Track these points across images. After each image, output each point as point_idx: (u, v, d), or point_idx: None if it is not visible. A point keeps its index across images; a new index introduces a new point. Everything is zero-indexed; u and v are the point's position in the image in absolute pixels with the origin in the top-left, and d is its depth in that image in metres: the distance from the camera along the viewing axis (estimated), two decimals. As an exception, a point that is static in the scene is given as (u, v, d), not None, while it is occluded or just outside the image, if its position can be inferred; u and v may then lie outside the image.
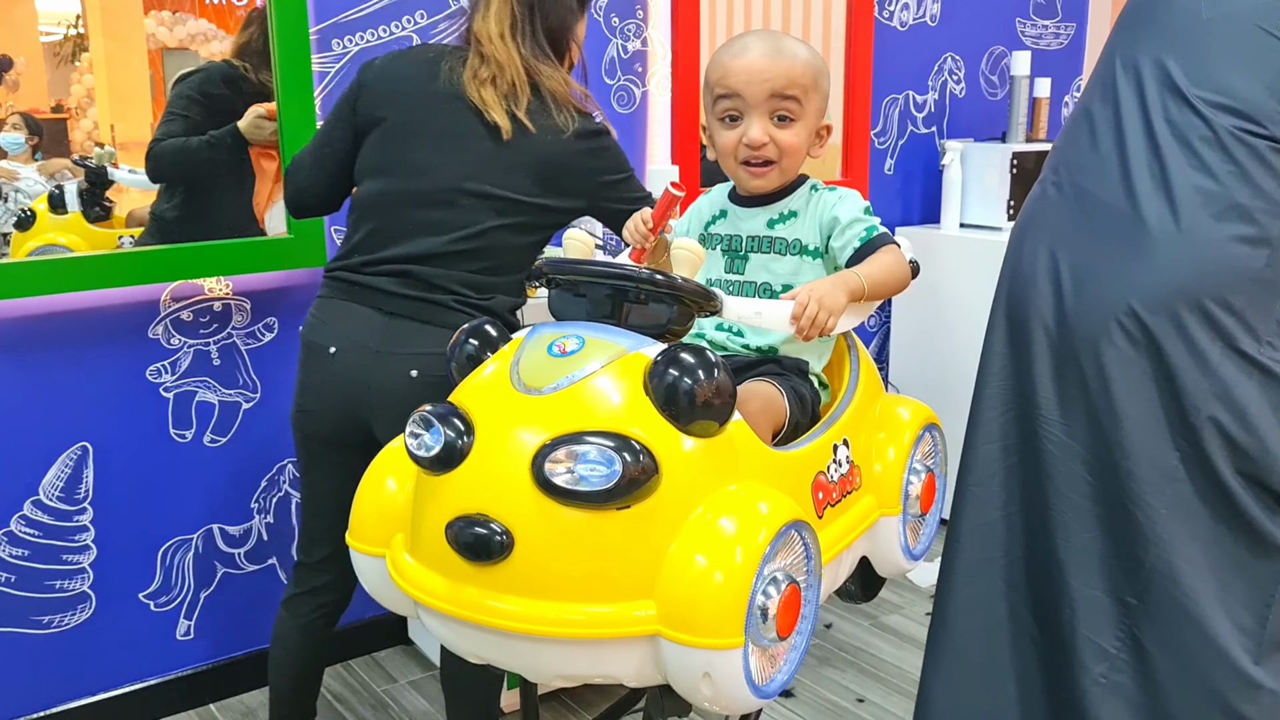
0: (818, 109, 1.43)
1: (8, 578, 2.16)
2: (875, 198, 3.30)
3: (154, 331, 2.25)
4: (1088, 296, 1.62)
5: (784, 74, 1.38)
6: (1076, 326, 1.63)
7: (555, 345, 1.17)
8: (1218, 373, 1.55)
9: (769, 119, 1.40)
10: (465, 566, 1.10)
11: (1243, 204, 1.53)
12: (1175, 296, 1.55)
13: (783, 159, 1.41)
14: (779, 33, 1.49)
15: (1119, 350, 1.58)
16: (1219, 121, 1.56)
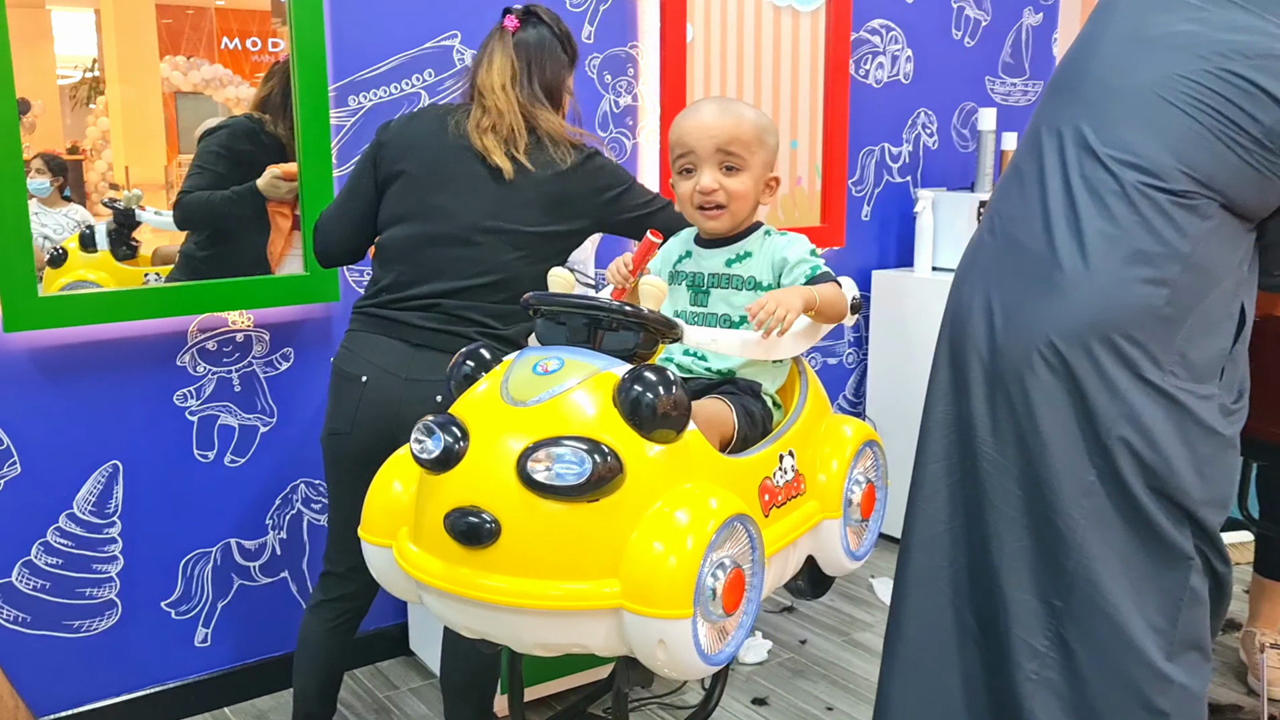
0: (763, 161, 1.65)
1: (42, 584, 2.36)
2: (853, 242, 3.52)
3: (181, 360, 2.46)
4: (1014, 331, 1.83)
5: (729, 129, 1.62)
6: (1005, 357, 1.84)
7: (539, 365, 1.38)
8: (1125, 398, 1.75)
9: (718, 169, 1.63)
10: (460, 551, 1.30)
11: (1145, 249, 1.74)
12: (1086, 330, 1.76)
13: (732, 203, 1.64)
14: (732, 99, 1.72)
15: (1040, 378, 1.78)
16: (1126, 177, 1.78)
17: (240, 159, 2.51)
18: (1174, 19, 1.78)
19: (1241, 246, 1.81)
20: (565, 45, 2.07)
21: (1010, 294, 1.87)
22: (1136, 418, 1.75)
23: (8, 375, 2.26)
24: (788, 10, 3.27)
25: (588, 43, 2.90)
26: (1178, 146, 1.74)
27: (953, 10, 3.64)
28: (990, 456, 1.89)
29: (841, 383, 3.67)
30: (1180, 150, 1.74)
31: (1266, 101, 1.71)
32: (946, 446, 1.93)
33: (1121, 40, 1.86)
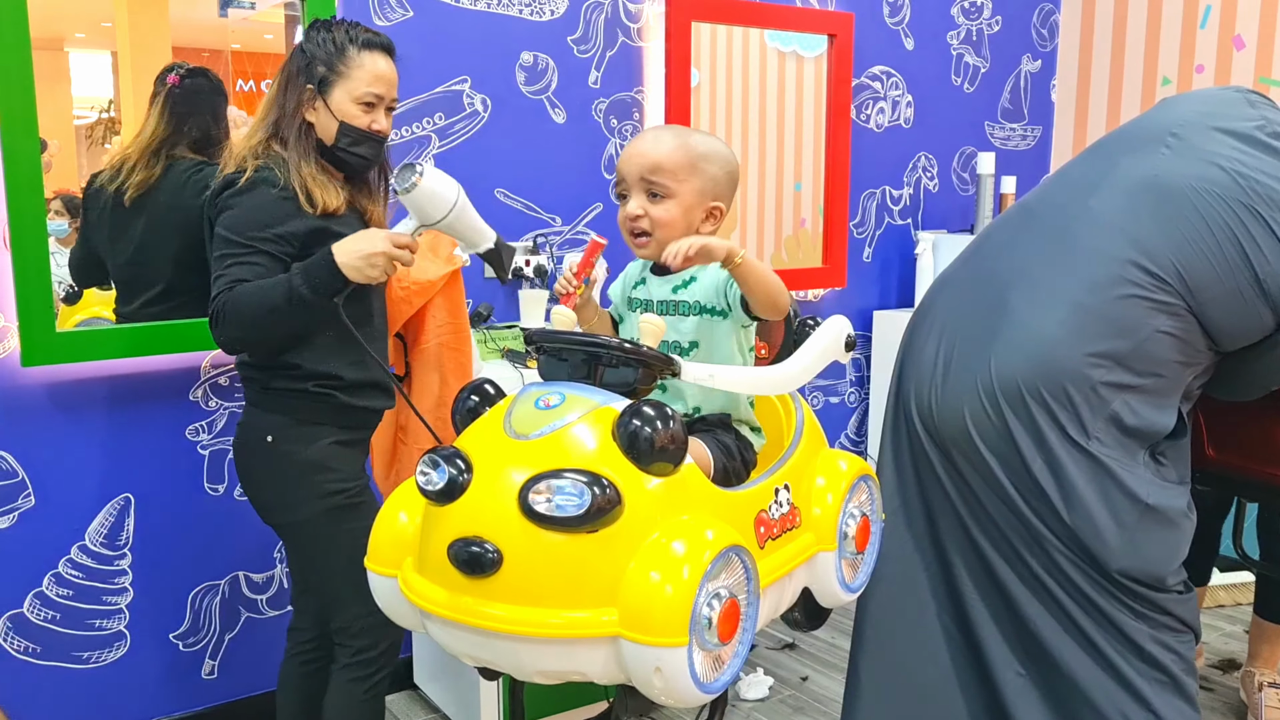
0: (697, 189, 1.66)
1: (52, 615, 2.40)
2: (854, 283, 3.58)
3: (194, 394, 2.51)
4: (955, 378, 1.93)
5: (655, 156, 1.65)
6: (945, 407, 1.94)
7: (541, 400, 1.42)
8: (1053, 452, 1.83)
9: (644, 195, 1.66)
10: (462, 580, 1.34)
11: (1105, 330, 1.82)
12: (1024, 382, 1.84)
13: (657, 231, 1.66)
14: (681, 127, 1.76)
15: (976, 427, 1.88)
16: (1119, 251, 1.85)
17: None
18: (1226, 144, 1.86)
19: (1197, 362, 1.90)
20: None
21: (961, 333, 1.95)
22: (1060, 471, 1.83)
23: (25, 409, 2.31)
24: (791, 55, 3.35)
25: (594, 88, 2.98)
26: (1184, 248, 1.83)
27: (952, 57, 3.72)
28: (932, 487, 1.98)
29: (843, 421, 3.70)
30: (1185, 252, 1.82)
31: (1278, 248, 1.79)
32: (898, 475, 2.02)
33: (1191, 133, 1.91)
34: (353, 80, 1.91)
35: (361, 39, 1.93)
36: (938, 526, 1.99)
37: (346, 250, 1.81)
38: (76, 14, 2.32)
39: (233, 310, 1.80)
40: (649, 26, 3.04)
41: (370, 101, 1.92)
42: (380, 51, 1.95)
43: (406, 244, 1.83)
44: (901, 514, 2.02)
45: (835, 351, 1.73)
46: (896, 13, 3.55)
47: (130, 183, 2.34)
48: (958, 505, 1.96)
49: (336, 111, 1.91)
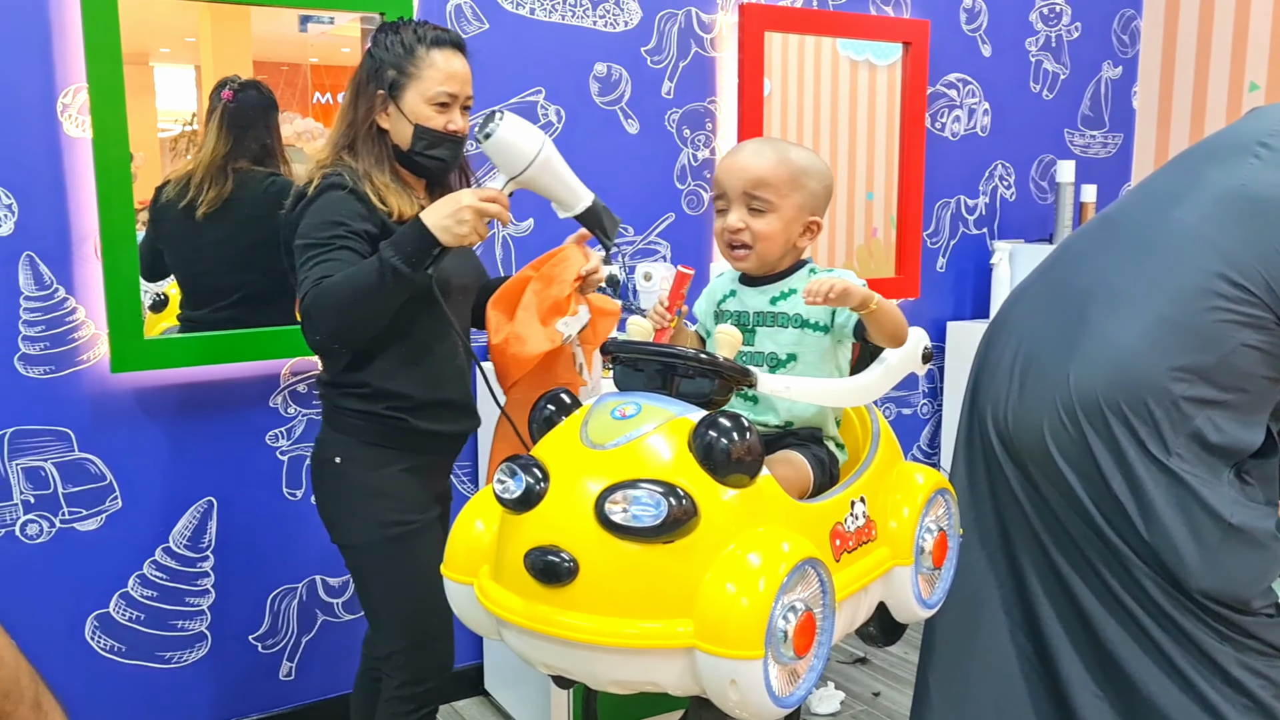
0: (798, 204, 1.66)
1: (137, 615, 2.46)
2: (927, 293, 3.54)
3: (274, 401, 2.56)
4: (1032, 392, 1.89)
5: (759, 170, 1.64)
6: (1022, 422, 1.90)
7: (617, 410, 1.43)
8: (1133, 468, 1.78)
9: (745, 208, 1.66)
10: (539, 589, 1.35)
11: (1187, 342, 1.77)
12: (1103, 395, 1.80)
13: (758, 244, 1.66)
14: (778, 140, 1.74)
15: (1053, 443, 1.84)
16: (1207, 264, 1.80)
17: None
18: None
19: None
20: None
21: (1039, 346, 1.91)
22: (1139, 488, 1.78)
23: (113, 414, 2.38)
24: (864, 64, 3.32)
25: (667, 98, 2.98)
26: (1273, 260, 1.79)
27: (1030, 64, 3.66)
28: (1007, 503, 1.95)
29: (916, 433, 3.66)
30: (1274, 264, 1.78)
31: None
32: (972, 488, 1.99)
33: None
34: (424, 80, 1.87)
35: (430, 37, 1.89)
36: (1012, 543, 1.96)
37: (434, 211, 1.73)
38: (162, 29, 2.39)
39: (323, 301, 1.73)
40: (722, 36, 3.04)
41: (444, 101, 1.88)
42: (451, 48, 1.90)
43: (493, 197, 1.74)
44: (975, 529, 1.99)
45: (912, 363, 1.71)
46: (974, 19, 3.51)
47: (203, 199, 2.40)
48: (1033, 521, 1.92)
49: (410, 114, 1.88)
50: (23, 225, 2.25)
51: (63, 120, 2.27)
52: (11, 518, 2.32)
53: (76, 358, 2.33)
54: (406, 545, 1.90)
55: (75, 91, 2.27)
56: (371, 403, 1.89)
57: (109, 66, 2.23)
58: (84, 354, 2.34)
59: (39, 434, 2.32)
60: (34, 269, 2.27)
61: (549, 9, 2.78)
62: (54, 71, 2.25)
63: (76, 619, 2.41)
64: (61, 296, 2.31)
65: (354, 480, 1.90)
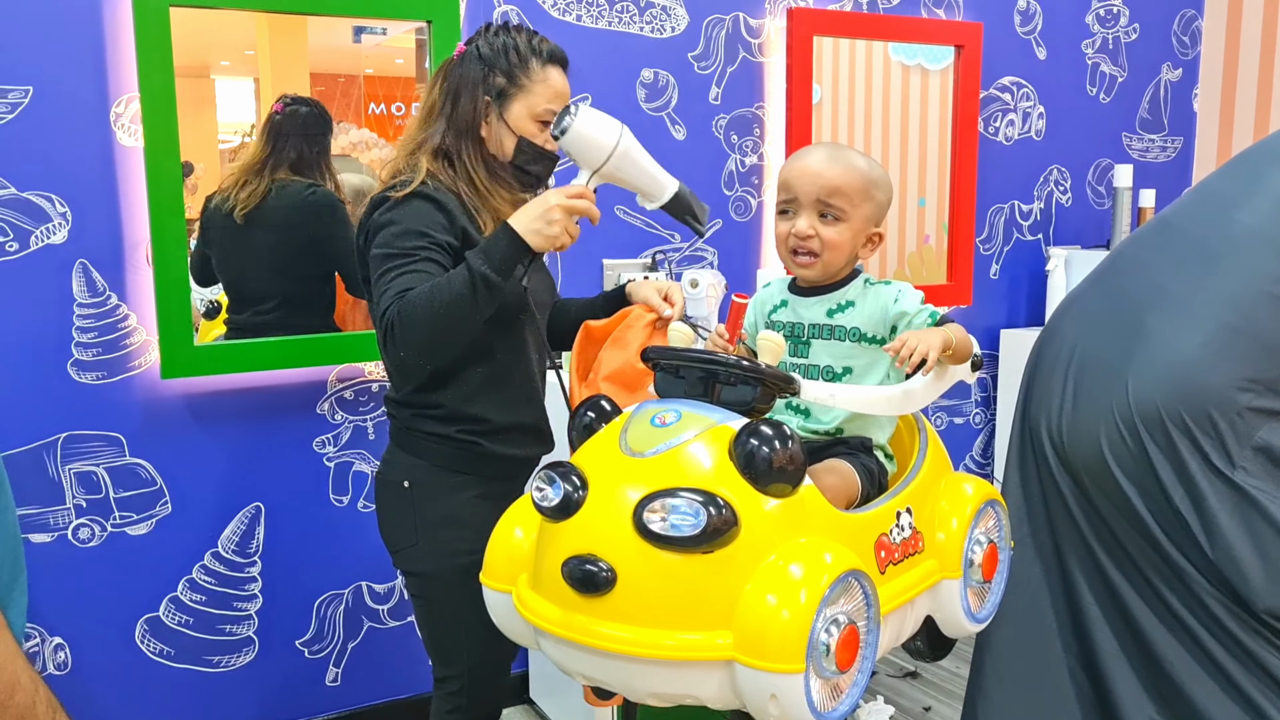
0: (866, 215, 1.64)
1: (186, 619, 2.48)
2: (980, 300, 3.47)
3: (321, 408, 2.57)
4: (1087, 401, 1.83)
5: (835, 178, 1.61)
6: (1076, 434, 1.84)
7: (657, 418, 1.41)
8: (1195, 482, 1.72)
9: (816, 215, 1.62)
10: (577, 598, 1.33)
11: (1256, 351, 1.71)
12: (1163, 406, 1.74)
13: (825, 252, 1.62)
14: (844, 147, 1.71)
15: (1110, 456, 1.78)
16: (1271, 274, 1.74)
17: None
18: None
19: None
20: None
21: (1093, 353, 1.86)
22: (1202, 502, 1.72)
23: (164, 419, 2.40)
24: (916, 69, 3.28)
25: (714, 104, 2.96)
26: None
27: (1087, 66, 3.59)
28: (1061, 518, 1.89)
29: (969, 443, 3.60)
30: None
31: None
32: (1026, 502, 1.94)
33: None
34: (535, 95, 1.79)
35: (546, 51, 1.81)
36: (1066, 558, 1.90)
37: (521, 216, 1.66)
38: (222, 42, 2.43)
39: (408, 315, 1.62)
40: (770, 41, 3.02)
41: (548, 120, 1.79)
42: (560, 66, 1.84)
43: (580, 193, 1.66)
44: (1030, 543, 1.94)
45: (961, 371, 1.67)
46: (1028, 22, 3.45)
47: (238, 199, 2.43)
48: (1088, 536, 1.87)
49: (515, 127, 1.80)
50: (76, 233, 2.29)
51: (116, 129, 2.30)
52: (64, 521, 2.35)
53: (128, 364, 2.36)
54: (473, 576, 1.66)
55: (128, 101, 2.30)
56: (446, 425, 1.80)
57: (160, 76, 2.26)
58: (135, 360, 2.37)
59: (91, 439, 2.35)
60: (87, 276, 2.31)
61: (595, 15, 2.78)
62: (107, 81, 2.28)
63: (127, 622, 2.44)
64: (114, 303, 2.34)
65: (424, 506, 1.82)
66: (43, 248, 2.26)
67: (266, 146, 2.46)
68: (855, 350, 1.64)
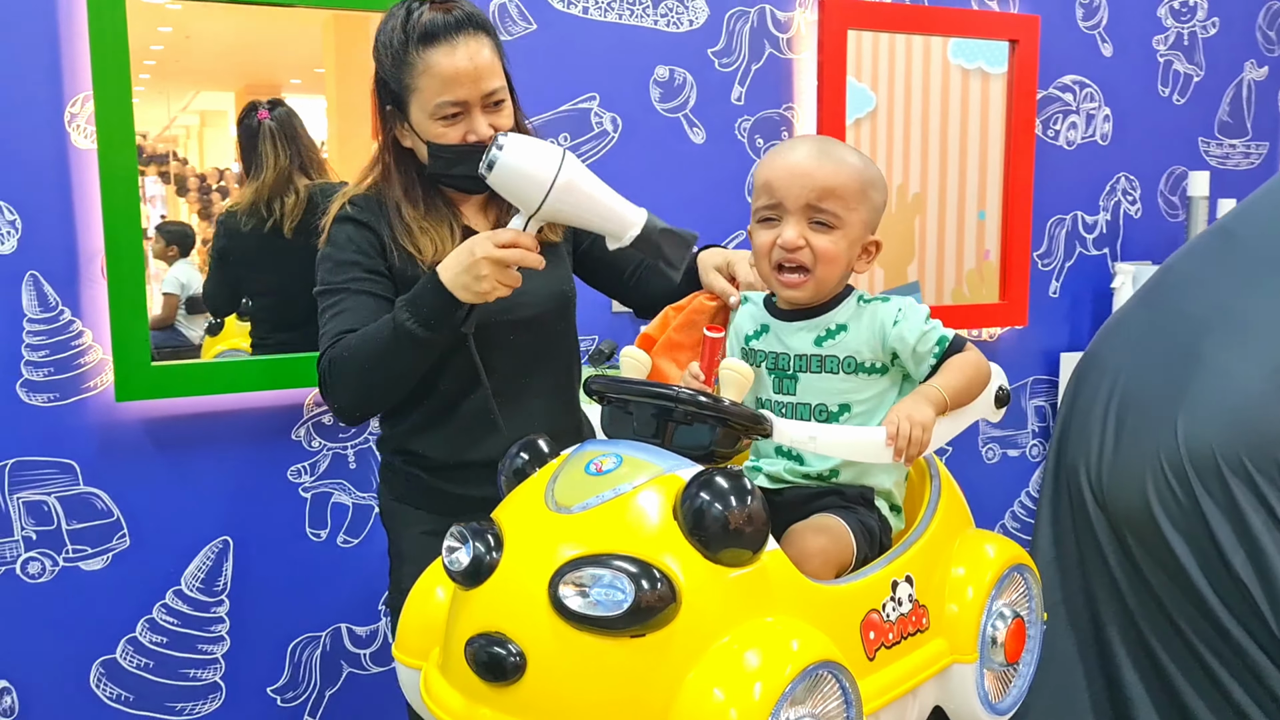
0: (863, 220, 1.37)
1: (146, 663, 2.28)
2: (1037, 321, 3.16)
3: (296, 434, 2.36)
4: (1130, 443, 1.54)
5: (827, 178, 1.34)
6: (1118, 478, 1.55)
7: (593, 464, 1.16)
8: (1257, 541, 1.42)
9: (806, 222, 1.35)
10: (482, 686, 1.08)
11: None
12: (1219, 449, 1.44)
13: (818, 267, 1.35)
14: (833, 139, 1.44)
15: (1156, 505, 1.49)
16: None
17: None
18: None
19: None
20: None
21: (1138, 387, 1.56)
22: (1266, 565, 1.40)
23: (119, 445, 2.21)
24: (976, 73, 2.98)
25: (737, 104, 2.71)
26: None
27: (1159, 65, 3.26)
28: (1100, 583, 1.59)
29: (1024, 478, 3.27)
30: None
31: None
32: (1059, 563, 1.65)
33: None
34: (423, 91, 1.55)
35: (419, 31, 1.53)
36: (1105, 630, 1.60)
37: (448, 266, 1.46)
38: (293, 62, 2.38)
39: (339, 366, 1.51)
40: (800, 36, 2.75)
41: (452, 114, 1.55)
42: (446, 42, 1.53)
43: (512, 240, 1.42)
44: (1063, 610, 1.64)
45: (982, 408, 1.39)
46: (1091, 15, 3.14)
47: (281, 213, 2.30)
48: (1130, 604, 1.56)
49: (420, 132, 1.58)
50: (26, 242, 2.11)
51: (70, 130, 2.12)
52: (12, 555, 2.16)
53: (82, 385, 2.18)
54: None
55: (84, 100, 2.12)
56: (393, 456, 1.72)
57: (115, 72, 2.07)
58: (90, 381, 2.18)
59: (42, 466, 2.17)
60: (38, 289, 2.13)
61: (604, 8, 2.54)
62: (61, 78, 2.11)
63: (81, 664, 2.24)
64: (67, 319, 2.15)
65: (391, 537, 1.76)
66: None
67: (284, 154, 2.31)
68: (853, 384, 1.37)
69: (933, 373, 1.33)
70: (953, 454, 3.09)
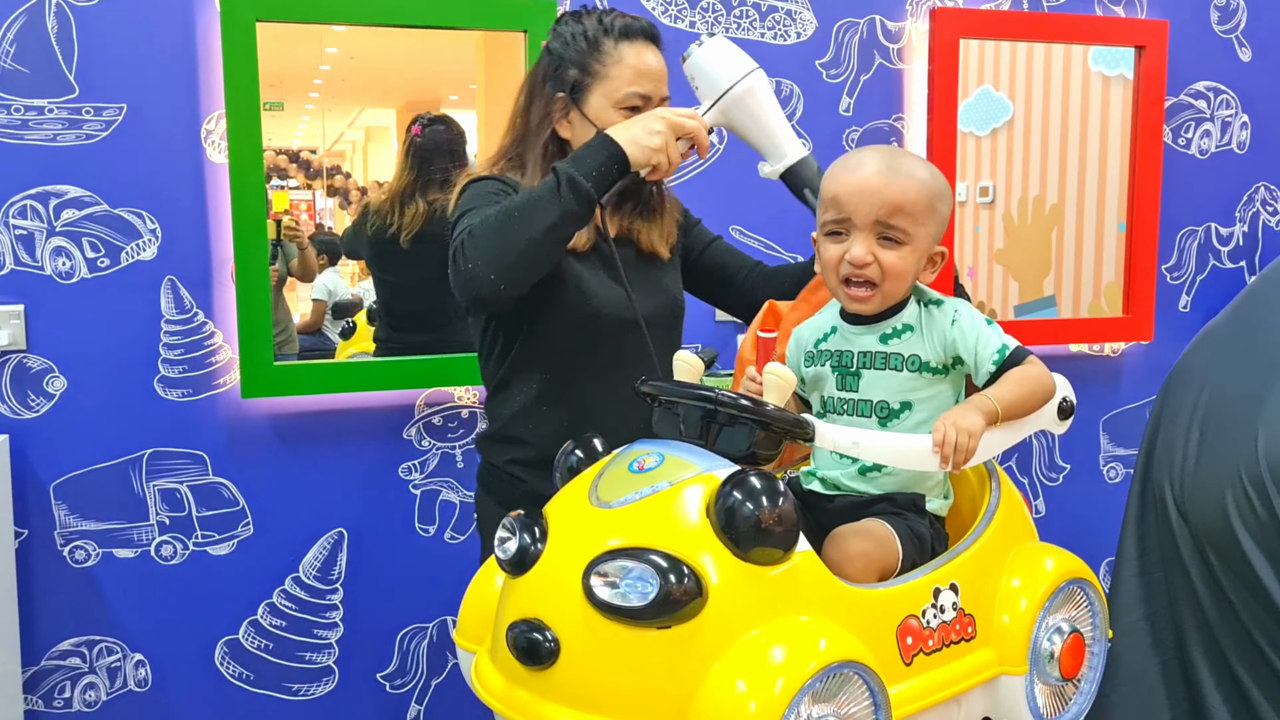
0: (931, 234, 1.37)
1: (266, 644, 2.43)
2: (1164, 336, 3.04)
3: (408, 433, 2.48)
4: (1211, 457, 1.47)
5: (897, 195, 1.34)
6: (1198, 492, 1.49)
7: (636, 462, 1.20)
8: None
9: (874, 239, 1.36)
10: (521, 670, 1.14)
11: None
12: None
13: (885, 282, 1.35)
14: (901, 150, 1.44)
15: (1231, 523, 1.43)
16: None
17: None
18: None
19: None
20: None
21: (1223, 397, 1.50)
22: None
23: (246, 439, 2.37)
24: (1118, 80, 2.90)
25: (845, 115, 2.71)
26: None
27: (1304, 68, 3.10)
28: (1184, 599, 1.53)
29: (1150, 499, 3.15)
30: None
31: None
32: (1144, 577, 1.59)
33: None
34: (611, 80, 1.61)
35: (618, 26, 1.63)
36: (1189, 651, 1.55)
37: (621, 126, 1.51)
38: (451, 78, 2.52)
39: (480, 228, 1.47)
40: (911, 46, 2.74)
41: (635, 105, 1.61)
42: (643, 40, 1.65)
43: (691, 114, 1.53)
44: (1145, 627, 1.59)
45: (1045, 419, 1.37)
46: (1228, 19, 3.01)
47: (401, 225, 2.43)
48: (1214, 623, 1.50)
49: (595, 119, 1.61)
50: (165, 249, 2.28)
51: (205, 146, 2.29)
52: (148, 538, 2.34)
53: (213, 381, 2.34)
54: None
55: (218, 118, 2.28)
56: (497, 449, 1.71)
57: (246, 91, 2.23)
58: (220, 378, 2.34)
59: (175, 456, 2.34)
60: (175, 293, 2.30)
61: (711, 21, 2.59)
62: (199, 98, 2.27)
63: (207, 643, 2.41)
64: (200, 320, 2.32)
65: (483, 542, 1.78)
66: (133, 264, 2.27)
67: (412, 170, 2.45)
68: (916, 382, 1.37)
69: (991, 381, 1.33)
70: (1072, 472, 3.00)
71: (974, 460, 1.26)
